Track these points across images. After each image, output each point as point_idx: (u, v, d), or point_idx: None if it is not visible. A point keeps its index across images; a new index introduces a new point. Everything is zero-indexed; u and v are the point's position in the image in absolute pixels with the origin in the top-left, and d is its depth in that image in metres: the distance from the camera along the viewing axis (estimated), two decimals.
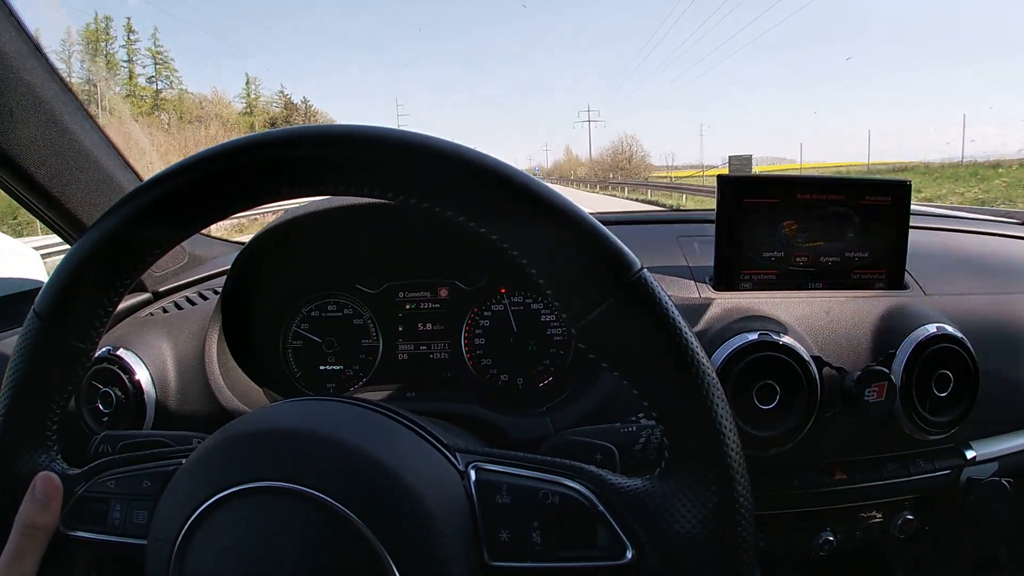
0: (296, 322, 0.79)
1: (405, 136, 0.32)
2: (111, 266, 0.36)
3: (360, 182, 0.33)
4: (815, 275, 0.73)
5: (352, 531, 0.30)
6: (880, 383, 0.62)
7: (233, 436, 0.35)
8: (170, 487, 0.36)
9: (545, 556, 0.33)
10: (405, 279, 0.79)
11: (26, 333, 0.37)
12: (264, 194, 0.34)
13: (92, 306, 0.36)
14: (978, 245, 0.91)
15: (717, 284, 0.73)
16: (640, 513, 0.33)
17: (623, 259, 0.32)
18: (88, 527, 0.38)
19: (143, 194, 0.34)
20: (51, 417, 0.38)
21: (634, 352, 0.32)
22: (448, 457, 0.36)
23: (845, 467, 0.68)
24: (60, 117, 0.69)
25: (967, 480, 0.70)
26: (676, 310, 0.32)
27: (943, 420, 0.66)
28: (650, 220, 1.00)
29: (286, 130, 0.33)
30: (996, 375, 0.70)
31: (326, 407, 0.39)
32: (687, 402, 0.32)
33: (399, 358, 0.79)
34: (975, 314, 0.73)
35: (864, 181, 0.73)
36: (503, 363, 0.77)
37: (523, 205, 0.31)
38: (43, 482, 0.37)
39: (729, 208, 0.71)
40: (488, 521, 0.33)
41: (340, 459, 0.33)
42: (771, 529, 0.71)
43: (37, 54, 0.65)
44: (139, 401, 0.67)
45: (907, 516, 0.71)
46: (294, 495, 0.31)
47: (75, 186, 0.72)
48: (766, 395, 0.62)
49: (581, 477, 0.34)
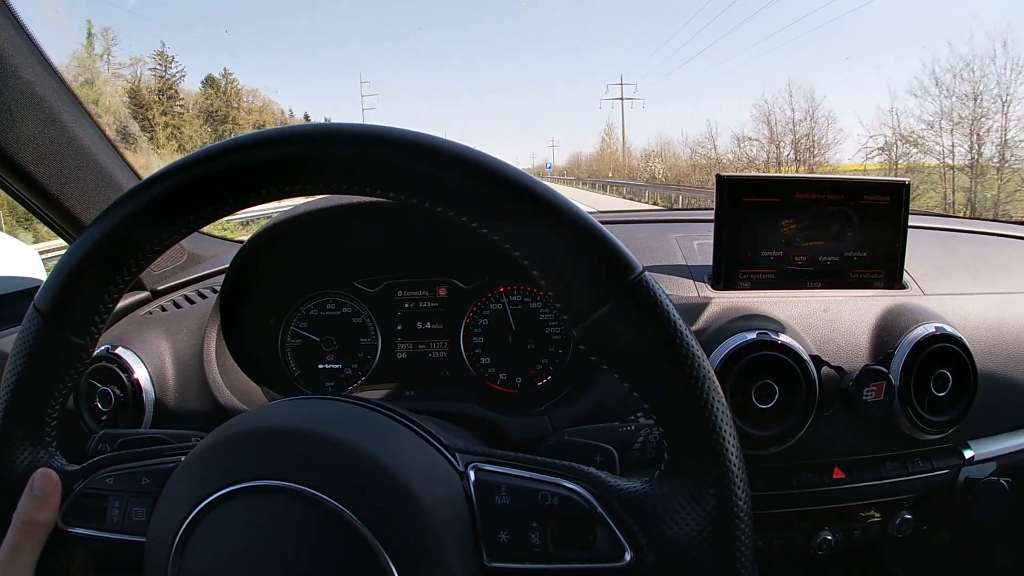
0: (295, 321, 0.79)
1: (406, 135, 0.32)
2: (110, 263, 0.36)
3: (360, 181, 0.33)
4: (814, 274, 0.73)
5: (350, 531, 0.30)
6: (879, 382, 0.62)
7: (232, 434, 0.35)
8: (169, 484, 0.36)
9: (544, 557, 0.33)
10: (404, 277, 0.79)
11: (26, 329, 0.37)
12: (263, 193, 0.34)
13: (92, 303, 0.36)
14: (977, 245, 0.92)
15: (716, 283, 0.73)
16: (639, 515, 0.33)
17: (624, 261, 0.32)
18: (87, 524, 0.38)
19: (142, 192, 0.34)
20: (50, 414, 0.38)
21: (635, 354, 0.32)
22: (447, 457, 0.36)
23: (844, 467, 0.68)
24: (59, 115, 0.69)
25: (965, 480, 0.70)
26: (677, 313, 0.32)
27: (941, 420, 0.66)
28: (649, 220, 1.00)
29: (285, 128, 0.33)
30: (994, 375, 0.70)
31: (325, 406, 0.39)
32: (686, 404, 0.32)
33: (398, 357, 0.79)
34: (974, 314, 0.73)
35: (863, 181, 0.73)
36: (502, 362, 0.78)
37: (523, 205, 0.31)
38: (42, 478, 0.37)
39: (728, 207, 0.71)
40: (487, 522, 0.33)
41: (339, 458, 0.33)
42: (770, 529, 0.71)
43: (36, 52, 0.65)
44: (138, 399, 0.67)
45: (905, 516, 0.71)
46: (293, 494, 0.31)
47: (74, 184, 0.72)
48: (765, 394, 0.62)
49: (581, 479, 0.34)
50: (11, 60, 0.62)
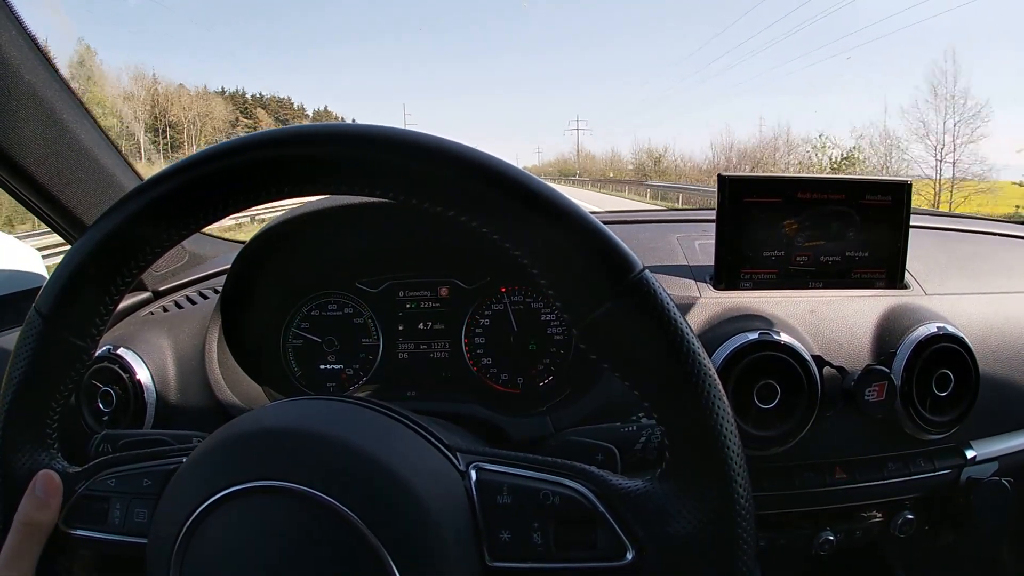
0: (296, 321, 0.79)
1: (406, 135, 0.32)
2: (112, 265, 0.36)
3: (362, 182, 0.33)
4: (816, 274, 0.73)
5: (353, 531, 0.30)
6: (880, 382, 0.62)
7: (234, 435, 0.35)
8: (171, 486, 0.36)
9: (546, 557, 0.33)
10: (405, 278, 0.79)
11: (27, 331, 0.37)
12: (264, 193, 0.34)
13: (93, 304, 0.36)
14: (979, 245, 0.91)
15: (717, 283, 0.73)
16: (641, 514, 0.33)
17: (625, 260, 0.32)
18: (88, 526, 0.38)
19: (144, 193, 0.34)
20: (51, 415, 0.38)
21: (635, 353, 0.32)
22: (449, 457, 0.36)
23: (845, 467, 0.68)
24: (60, 116, 0.69)
25: (967, 480, 0.70)
26: (678, 311, 0.32)
27: (943, 419, 0.66)
28: (650, 220, 1.00)
29: (285, 129, 0.33)
30: (996, 374, 0.70)
31: (326, 406, 0.39)
32: (688, 403, 0.31)
33: (399, 357, 0.78)
34: (976, 314, 0.73)
35: (864, 181, 0.73)
36: (503, 362, 0.77)
37: (523, 204, 0.31)
38: (43, 480, 0.37)
39: (729, 207, 0.71)
40: (489, 521, 0.33)
41: (341, 459, 0.33)
42: (772, 529, 0.70)
43: (37, 53, 0.65)
44: (139, 400, 0.67)
45: (907, 516, 0.71)
46: (294, 494, 0.31)
47: (75, 185, 0.72)
48: (766, 395, 0.62)
49: (582, 478, 0.34)
50: (12, 61, 0.62)
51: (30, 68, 0.64)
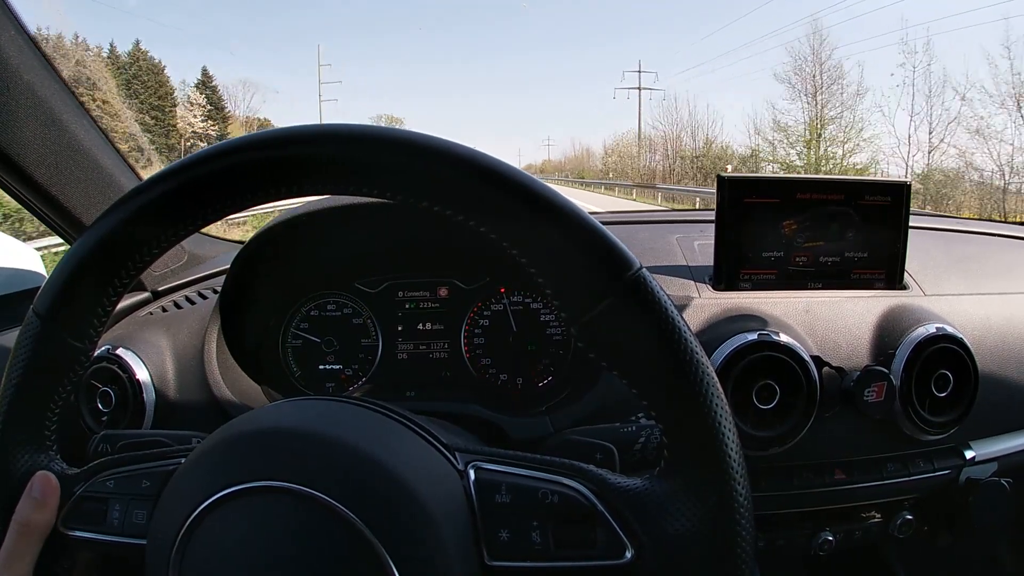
0: (295, 321, 0.79)
1: (404, 135, 0.32)
2: (110, 265, 0.36)
3: (360, 182, 0.33)
4: (815, 275, 0.73)
5: (351, 531, 0.30)
6: (879, 383, 0.62)
7: (233, 436, 0.35)
8: (169, 487, 0.36)
9: (545, 556, 0.33)
10: (405, 278, 0.79)
11: (25, 332, 0.37)
12: (263, 194, 0.34)
13: (91, 305, 0.36)
14: (978, 245, 0.92)
15: (717, 284, 0.73)
16: (640, 513, 0.33)
17: (622, 258, 0.32)
18: (87, 527, 0.38)
19: (143, 193, 0.34)
20: (50, 417, 0.38)
21: (633, 351, 0.32)
22: (447, 457, 0.36)
23: (844, 467, 0.68)
24: (59, 116, 0.69)
25: (966, 480, 0.70)
26: (675, 309, 0.32)
27: (942, 420, 0.66)
28: (650, 220, 1.00)
29: (283, 130, 0.33)
30: (995, 375, 0.70)
31: (326, 407, 0.39)
32: (686, 401, 0.32)
33: (398, 358, 0.78)
34: (975, 314, 0.73)
35: (864, 182, 0.73)
36: (503, 363, 0.77)
37: (522, 204, 0.31)
38: (41, 481, 0.37)
39: (729, 208, 0.71)
40: (487, 521, 0.33)
41: (340, 459, 0.33)
42: (771, 529, 0.71)
43: (36, 52, 0.65)
44: (138, 400, 0.67)
45: (907, 516, 0.71)
46: (293, 495, 0.31)
47: (74, 185, 0.72)
48: (766, 395, 0.62)
49: (581, 477, 0.34)
50: (12, 61, 0.62)
51: (29, 68, 0.64)
